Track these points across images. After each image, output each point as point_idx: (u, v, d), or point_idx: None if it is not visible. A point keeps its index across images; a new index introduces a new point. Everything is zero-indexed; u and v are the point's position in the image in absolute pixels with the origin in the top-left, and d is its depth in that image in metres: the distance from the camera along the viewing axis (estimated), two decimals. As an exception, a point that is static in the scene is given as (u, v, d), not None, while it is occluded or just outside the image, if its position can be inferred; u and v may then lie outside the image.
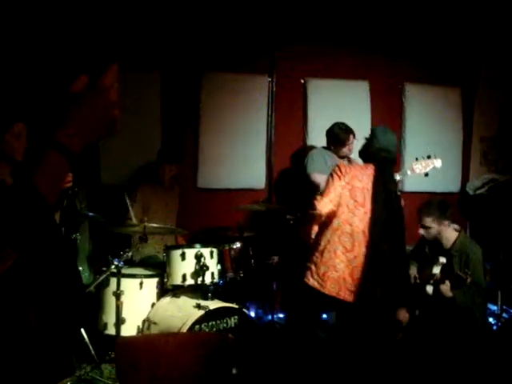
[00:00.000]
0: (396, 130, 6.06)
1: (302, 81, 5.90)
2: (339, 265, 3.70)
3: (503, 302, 5.34)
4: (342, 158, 5.01)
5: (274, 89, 5.79)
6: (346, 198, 3.72)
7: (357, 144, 4.91)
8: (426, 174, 4.51)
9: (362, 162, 4.02)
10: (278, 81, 5.80)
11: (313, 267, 3.79)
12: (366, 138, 3.98)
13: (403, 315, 4.19)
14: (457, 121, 6.21)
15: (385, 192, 3.72)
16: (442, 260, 4.19)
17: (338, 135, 4.96)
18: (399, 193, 3.92)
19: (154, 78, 5.53)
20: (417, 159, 4.57)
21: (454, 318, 4.03)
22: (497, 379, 3.63)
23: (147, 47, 5.45)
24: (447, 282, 3.93)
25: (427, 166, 4.50)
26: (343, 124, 5.00)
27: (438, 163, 4.52)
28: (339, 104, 5.75)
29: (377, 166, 3.80)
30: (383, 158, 3.81)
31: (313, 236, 4.00)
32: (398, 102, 6.12)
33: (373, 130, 4.06)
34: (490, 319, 5.16)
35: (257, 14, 5.59)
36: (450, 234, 4.24)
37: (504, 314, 5.31)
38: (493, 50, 6.13)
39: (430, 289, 4.18)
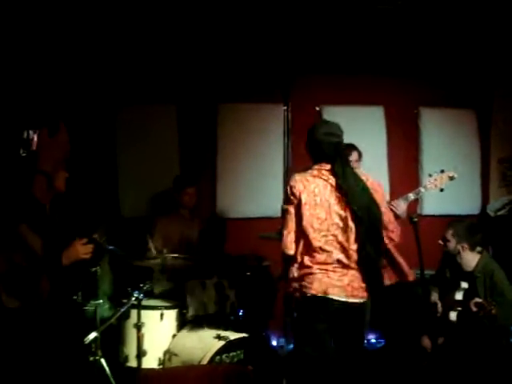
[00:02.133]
0: (413, 154, 6.10)
1: (317, 108, 5.94)
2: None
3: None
4: None
5: (290, 117, 5.83)
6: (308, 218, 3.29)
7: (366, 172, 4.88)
8: (442, 190, 4.37)
9: (314, 160, 3.54)
10: (294, 109, 5.79)
11: None
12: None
13: (426, 342, 4.14)
14: (474, 143, 6.19)
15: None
16: (464, 285, 4.12)
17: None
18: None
19: (170, 111, 5.64)
20: (430, 175, 4.44)
21: (481, 344, 3.97)
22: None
23: (162, 81, 5.57)
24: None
25: (442, 181, 4.37)
26: (351, 143, 4.88)
27: (452, 174, 4.36)
28: (355, 130, 5.70)
29: (332, 158, 3.37)
30: (334, 143, 3.39)
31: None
32: (413, 126, 6.12)
33: (313, 128, 3.68)
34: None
35: (269, 43, 5.65)
36: (470, 256, 4.18)
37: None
38: (506, 70, 6.12)
39: (453, 315, 4.12)
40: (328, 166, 3.38)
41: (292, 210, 3.33)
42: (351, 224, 3.25)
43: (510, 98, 6.24)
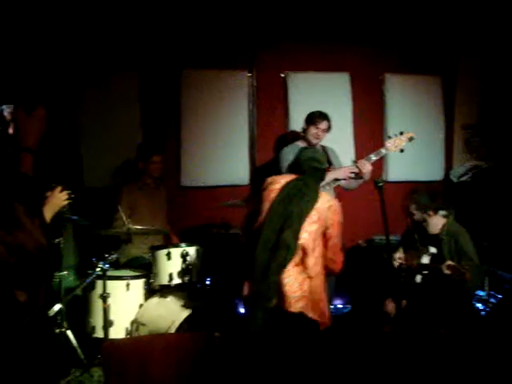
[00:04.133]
0: (377, 120, 6.11)
1: (282, 75, 5.88)
2: None
3: (490, 288, 5.38)
4: (311, 145, 4.84)
5: (255, 84, 5.78)
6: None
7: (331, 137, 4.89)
8: (402, 150, 4.53)
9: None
10: (259, 76, 5.79)
11: None
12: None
13: (391, 306, 4.19)
14: (438, 109, 6.22)
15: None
16: (433, 250, 4.19)
17: (312, 114, 4.77)
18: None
19: (131, 78, 5.51)
20: (389, 137, 4.60)
21: (445, 306, 4.04)
22: (487, 365, 3.65)
23: (124, 47, 5.43)
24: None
25: (401, 142, 4.52)
26: (324, 113, 4.80)
27: (411, 135, 4.53)
28: (320, 97, 5.74)
29: (305, 174, 3.42)
30: (313, 168, 3.44)
31: None
32: (378, 92, 6.11)
33: (300, 150, 3.76)
34: (479, 305, 5.20)
35: (235, 9, 5.56)
36: (436, 220, 4.25)
37: (491, 299, 5.35)
38: (471, 37, 6.14)
39: (418, 278, 4.19)
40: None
41: None
42: None
43: (475, 64, 6.28)
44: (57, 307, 3.82)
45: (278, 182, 3.37)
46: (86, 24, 5.28)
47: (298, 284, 3.16)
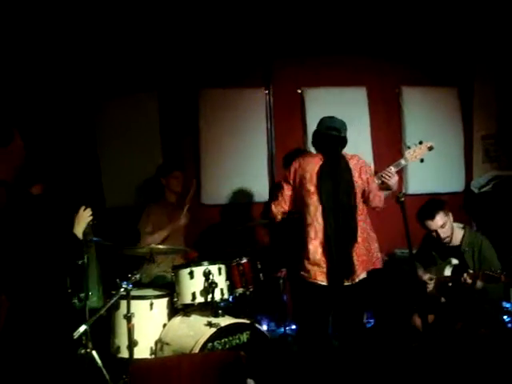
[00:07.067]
0: (396, 133, 6.10)
1: (299, 91, 5.91)
2: (312, 253, 3.87)
3: (515, 300, 5.31)
4: None
5: (272, 101, 5.81)
6: (300, 193, 3.91)
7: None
8: (422, 160, 4.45)
9: (315, 150, 4.09)
10: (275, 92, 5.83)
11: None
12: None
13: (417, 321, 4.15)
14: (456, 121, 6.21)
15: (330, 175, 3.86)
16: (455, 261, 4.15)
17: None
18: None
19: (151, 98, 5.59)
20: (409, 147, 4.52)
21: (472, 318, 4.01)
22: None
23: (144, 69, 5.51)
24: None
25: (421, 151, 4.45)
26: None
27: (431, 145, 4.44)
28: (337, 111, 5.60)
29: (328, 147, 3.94)
30: (333, 137, 3.94)
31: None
32: (396, 105, 6.12)
33: (320, 120, 4.17)
34: (504, 316, 5.12)
35: (250, 27, 5.62)
36: (456, 231, 4.23)
37: (517, 311, 5.28)
38: (486, 47, 6.13)
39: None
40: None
41: None
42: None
43: (491, 73, 6.26)
44: (82, 328, 3.83)
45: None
46: (107, 46, 5.38)
47: None
